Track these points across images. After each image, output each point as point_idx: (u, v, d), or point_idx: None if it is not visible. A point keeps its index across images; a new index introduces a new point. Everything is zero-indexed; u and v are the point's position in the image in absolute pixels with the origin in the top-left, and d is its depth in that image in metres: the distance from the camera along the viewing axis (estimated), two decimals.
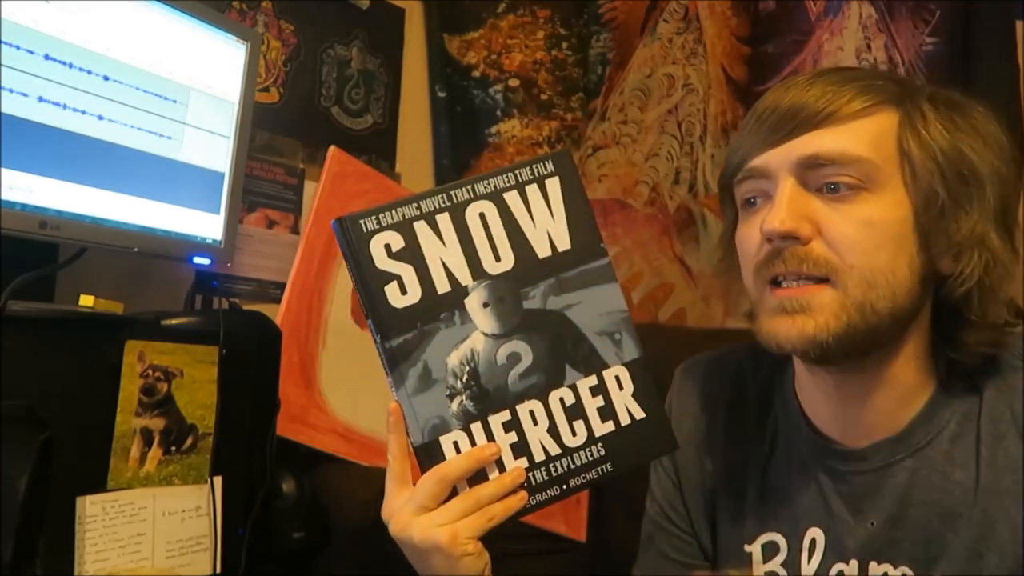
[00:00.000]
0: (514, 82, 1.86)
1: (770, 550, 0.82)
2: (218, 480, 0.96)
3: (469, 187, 0.70)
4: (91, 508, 0.85)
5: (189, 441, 0.94)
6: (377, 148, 1.65)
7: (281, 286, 1.30)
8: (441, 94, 1.79)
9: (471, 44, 1.83)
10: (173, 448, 0.93)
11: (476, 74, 1.83)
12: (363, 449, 1.28)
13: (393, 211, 0.69)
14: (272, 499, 1.06)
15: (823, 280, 0.70)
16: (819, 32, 1.89)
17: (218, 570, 0.95)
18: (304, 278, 1.27)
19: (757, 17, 2.00)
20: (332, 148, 1.34)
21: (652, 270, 1.95)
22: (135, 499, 0.89)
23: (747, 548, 0.83)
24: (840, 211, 0.69)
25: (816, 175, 0.70)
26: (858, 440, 0.77)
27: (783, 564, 0.80)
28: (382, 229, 0.68)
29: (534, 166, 0.72)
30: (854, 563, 0.76)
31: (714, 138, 2.00)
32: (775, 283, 0.72)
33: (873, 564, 0.75)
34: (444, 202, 0.70)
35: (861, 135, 0.70)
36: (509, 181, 0.71)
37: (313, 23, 1.53)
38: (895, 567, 0.74)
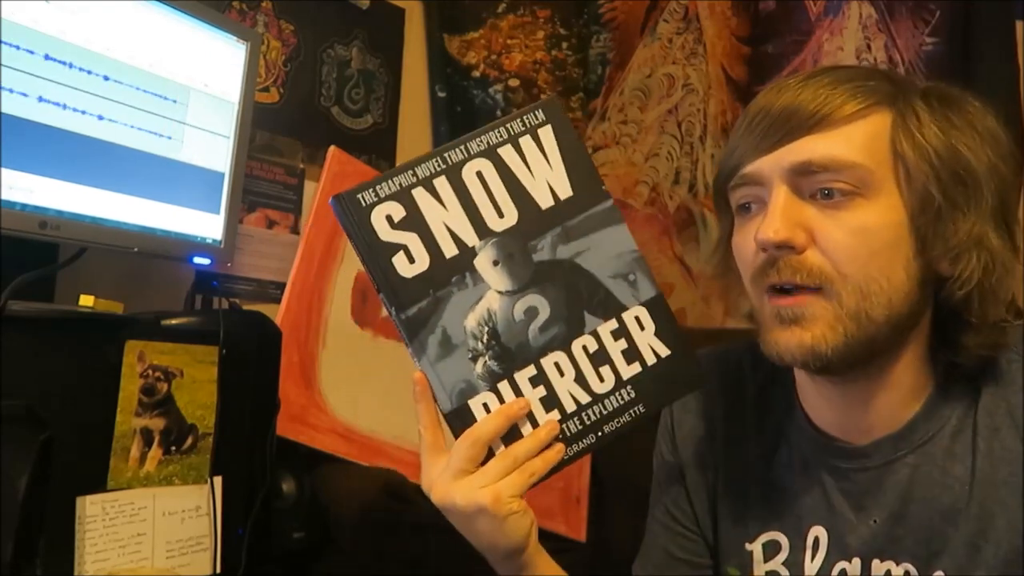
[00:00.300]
0: (514, 82, 1.86)
1: (771, 549, 0.82)
2: (218, 480, 0.96)
3: (462, 147, 0.70)
4: (91, 508, 0.85)
5: (189, 441, 0.94)
6: (377, 148, 1.65)
7: (281, 286, 1.30)
8: (441, 94, 1.79)
9: (471, 44, 1.83)
10: (173, 448, 0.93)
11: (476, 74, 1.83)
12: (363, 449, 1.28)
13: (389, 181, 0.68)
14: (272, 499, 1.06)
15: (817, 289, 0.69)
16: (819, 32, 1.89)
17: (218, 570, 0.95)
18: (304, 278, 1.27)
19: (757, 17, 2.00)
20: (332, 148, 1.34)
21: (652, 270, 1.95)
22: (135, 499, 0.89)
23: (748, 547, 0.83)
24: (834, 218, 0.69)
25: (809, 182, 0.69)
26: (860, 438, 0.77)
27: (784, 563, 0.80)
28: (381, 201, 0.68)
29: (525, 117, 0.72)
30: (856, 561, 0.76)
31: (714, 138, 2.00)
32: (772, 289, 0.72)
33: (876, 562, 0.75)
34: (439, 165, 0.69)
35: (854, 139, 0.69)
36: (502, 136, 0.71)
37: (313, 23, 1.53)
38: (897, 564, 0.74)
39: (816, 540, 0.79)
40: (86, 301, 0.89)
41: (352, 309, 1.34)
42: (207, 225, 1.14)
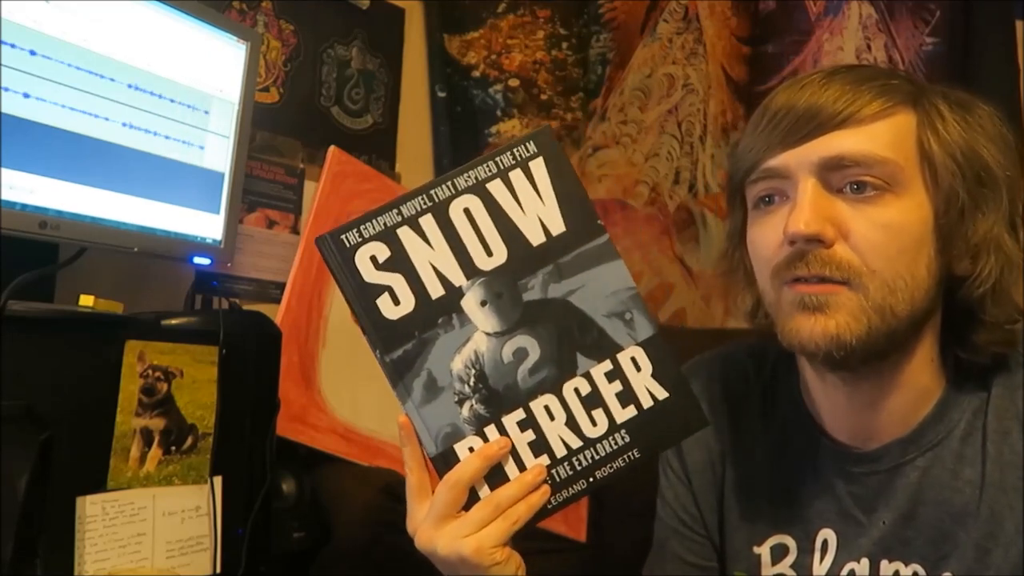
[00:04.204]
0: (514, 82, 1.86)
1: (779, 552, 0.81)
2: (218, 480, 0.96)
3: (449, 183, 0.68)
4: (91, 508, 0.85)
5: (189, 441, 0.94)
6: (377, 148, 1.65)
7: (281, 286, 1.30)
8: (441, 94, 1.79)
9: (471, 44, 1.82)
10: (173, 448, 0.93)
11: (476, 74, 1.83)
12: (363, 449, 1.28)
13: (374, 221, 0.67)
14: (272, 499, 1.06)
15: (844, 282, 0.69)
16: (819, 32, 1.89)
17: (218, 570, 0.95)
18: (304, 278, 1.27)
19: (757, 17, 2.00)
20: (332, 148, 1.34)
21: (652, 270, 1.95)
22: (135, 499, 0.89)
23: (756, 550, 0.83)
24: (864, 213, 0.69)
25: (840, 176, 0.69)
26: (868, 443, 0.77)
27: (792, 566, 0.80)
28: (365, 241, 0.66)
29: (515, 150, 0.68)
30: (865, 561, 0.76)
31: (714, 138, 2.00)
32: (796, 280, 0.71)
33: (884, 562, 0.75)
34: (425, 203, 0.67)
35: (882, 136, 0.69)
36: (491, 170, 0.68)
37: (313, 23, 1.53)
38: (906, 565, 0.74)
39: (825, 542, 0.79)
40: (86, 301, 0.89)
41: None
42: (207, 225, 1.13)
